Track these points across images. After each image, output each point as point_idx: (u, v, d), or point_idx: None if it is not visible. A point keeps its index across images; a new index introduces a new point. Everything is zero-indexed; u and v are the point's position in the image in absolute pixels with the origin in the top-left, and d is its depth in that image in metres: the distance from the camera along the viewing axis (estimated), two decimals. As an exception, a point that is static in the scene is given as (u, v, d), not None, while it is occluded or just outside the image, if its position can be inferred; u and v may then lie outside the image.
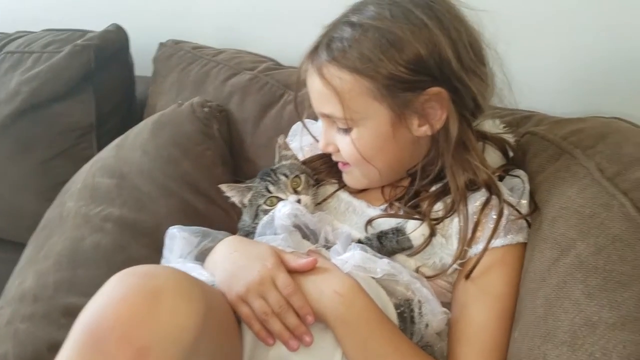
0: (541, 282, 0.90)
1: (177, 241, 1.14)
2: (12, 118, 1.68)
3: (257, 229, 1.12)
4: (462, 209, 1.02)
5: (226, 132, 1.54)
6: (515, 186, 1.05)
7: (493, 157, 1.11)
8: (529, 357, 0.85)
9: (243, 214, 1.23)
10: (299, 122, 1.30)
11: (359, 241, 1.06)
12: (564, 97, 1.35)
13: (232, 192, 1.20)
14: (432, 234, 1.03)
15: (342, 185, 1.21)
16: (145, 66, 1.86)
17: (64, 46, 1.74)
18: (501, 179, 1.08)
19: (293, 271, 0.97)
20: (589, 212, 0.89)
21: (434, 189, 1.09)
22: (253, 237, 1.12)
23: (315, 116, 1.21)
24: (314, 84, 1.06)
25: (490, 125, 1.16)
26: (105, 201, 1.33)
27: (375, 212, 1.13)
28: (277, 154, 1.24)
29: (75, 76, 1.69)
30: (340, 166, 1.17)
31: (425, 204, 1.07)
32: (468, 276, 0.99)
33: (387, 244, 1.04)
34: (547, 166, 1.03)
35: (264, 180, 1.17)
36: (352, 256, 0.99)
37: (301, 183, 1.16)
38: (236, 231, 1.22)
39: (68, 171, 1.51)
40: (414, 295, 0.99)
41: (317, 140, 1.24)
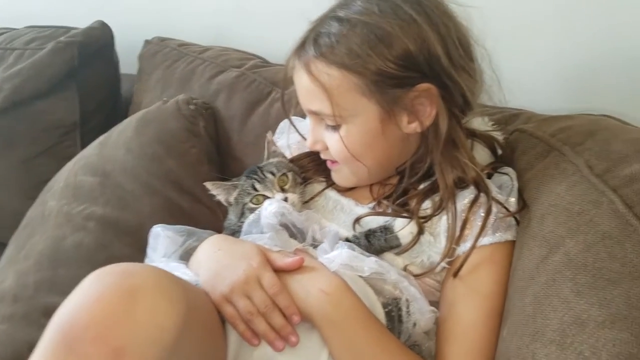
0: (530, 280, 0.89)
1: (161, 240, 1.12)
2: (-6, 115, 1.65)
3: (243, 228, 1.10)
4: (450, 206, 1.01)
5: (212, 130, 1.52)
6: (503, 184, 1.05)
7: (482, 155, 1.10)
8: (518, 356, 0.83)
9: (229, 213, 1.21)
10: (287, 119, 1.28)
11: (347, 240, 1.05)
12: (552, 95, 1.35)
13: (218, 190, 1.18)
14: (420, 232, 1.02)
15: (330, 184, 1.19)
16: (131, 64, 1.84)
17: (47, 43, 1.71)
18: (490, 176, 1.07)
19: (279, 270, 0.96)
20: (577, 209, 0.89)
21: (422, 187, 1.07)
22: (239, 236, 1.11)
23: (303, 113, 1.20)
24: (301, 80, 1.04)
25: (479, 123, 1.15)
26: (88, 200, 1.31)
27: (364, 211, 1.11)
28: (266, 150, 1.22)
29: (58, 73, 1.67)
30: (329, 164, 1.15)
31: (414, 202, 1.06)
32: (456, 274, 0.98)
33: (375, 243, 1.03)
34: (536, 163, 1.02)
35: (250, 178, 1.15)
36: (339, 254, 0.98)
37: (288, 181, 1.15)
38: (222, 230, 1.20)
39: (51, 170, 1.49)
40: (401, 294, 0.97)
41: (305, 138, 1.23)
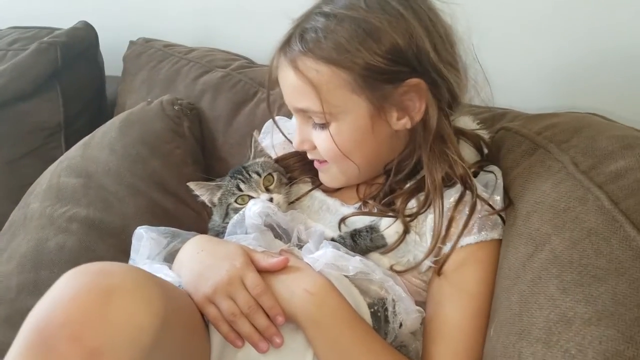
0: (516, 279, 0.88)
1: (145, 242, 1.11)
2: (-22, 117, 1.64)
3: (227, 228, 1.09)
4: (438, 204, 1.00)
5: (197, 131, 1.52)
6: (489, 182, 1.04)
7: (468, 154, 1.09)
8: (504, 356, 0.82)
9: (213, 214, 1.20)
10: (270, 120, 1.27)
11: (332, 239, 1.04)
12: (538, 95, 1.34)
13: (201, 190, 1.17)
14: (406, 231, 1.01)
15: (317, 185, 1.18)
16: (118, 66, 1.83)
17: (30, 44, 1.71)
18: (475, 175, 1.06)
19: (263, 271, 0.95)
20: (563, 206, 0.88)
21: (407, 186, 1.07)
22: (223, 237, 1.10)
23: (289, 114, 1.19)
24: (287, 78, 1.02)
25: (465, 122, 1.15)
26: (71, 201, 1.30)
27: (349, 211, 1.10)
28: (252, 150, 1.21)
29: (41, 74, 1.66)
30: (317, 165, 1.14)
31: (399, 202, 1.05)
32: (439, 272, 0.98)
33: (360, 242, 1.02)
34: (522, 161, 1.02)
35: (235, 178, 1.14)
36: (324, 254, 0.97)
37: (273, 181, 1.14)
38: (207, 232, 1.19)
39: (36, 172, 1.47)
40: (387, 293, 0.97)
41: (289, 140, 1.22)
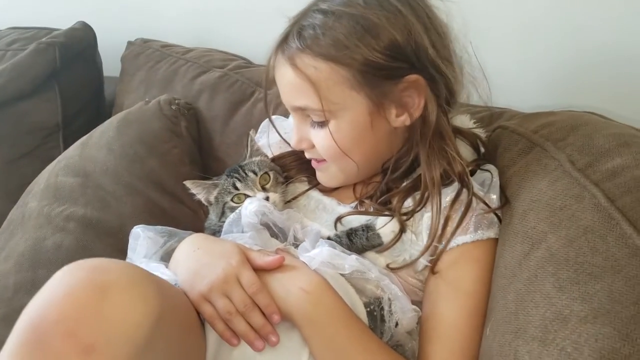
0: (512, 278, 0.88)
1: (141, 241, 1.11)
2: (-23, 117, 1.64)
3: (223, 227, 1.09)
4: (436, 200, 0.99)
5: (195, 130, 1.52)
6: (485, 180, 1.04)
7: (464, 152, 1.09)
8: (500, 354, 0.82)
9: (210, 213, 1.19)
10: (267, 119, 1.27)
11: (329, 238, 1.03)
12: (535, 94, 1.34)
13: (198, 188, 1.17)
14: (402, 230, 1.01)
15: (314, 185, 1.18)
16: (116, 67, 1.83)
17: (28, 44, 1.70)
18: (472, 173, 1.05)
19: (259, 269, 0.94)
20: (560, 204, 0.88)
21: (404, 185, 1.06)
22: (220, 236, 1.09)
23: (286, 113, 1.18)
24: (285, 75, 1.02)
25: (462, 121, 1.14)
26: (69, 200, 1.30)
27: (346, 210, 1.10)
28: (249, 148, 1.21)
29: (40, 74, 1.66)
30: (315, 164, 1.13)
31: (395, 200, 1.05)
32: (434, 270, 0.97)
33: (356, 241, 1.02)
34: (518, 160, 1.02)
35: (231, 176, 1.14)
36: (320, 253, 0.97)
37: (270, 180, 1.14)
38: (204, 231, 1.19)
39: (34, 171, 1.46)
40: (383, 293, 0.96)
41: (284, 139, 1.22)
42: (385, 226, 1.01)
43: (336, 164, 1.08)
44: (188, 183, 1.17)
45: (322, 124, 1.02)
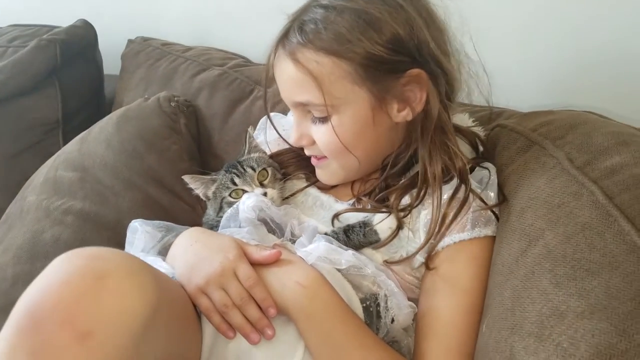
0: (509, 274, 0.88)
1: (139, 235, 1.11)
2: (-22, 113, 1.64)
3: (221, 222, 1.09)
4: (437, 194, 0.99)
5: (194, 128, 1.52)
6: (483, 178, 1.03)
7: (463, 150, 1.08)
8: (496, 351, 0.82)
9: (207, 208, 1.19)
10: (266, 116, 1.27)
11: (326, 234, 1.03)
12: (534, 94, 1.34)
13: (196, 183, 1.16)
14: (400, 226, 1.01)
15: (313, 182, 1.18)
16: (116, 66, 1.84)
17: (29, 41, 1.71)
18: (470, 171, 1.05)
19: (256, 263, 0.94)
20: (558, 202, 0.88)
21: (402, 182, 1.06)
22: (217, 231, 1.09)
23: (284, 110, 1.18)
24: (286, 71, 1.01)
25: (461, 119, 1.15)
26: (67, 194, 1.30)
27: (343, 207, 1.10)
28: (247, 144, 1.21)
29: (40, 71, 1.67)
30: (314, 161, 1.13)
31: (393, 197, 1.04)
32: (429, 265, 0.97)
33: (353, 238, 1.02)
34: (516, 158, 1.02)
35: (230, 172, 1.14)
36: (316, 247, 0.97)
37: (268, 176, 1.14)
38: (201, 226, 1.18)
39: (34, 167, 1.47)
40: (379, 289, 0.96)
41: (282, 136, 1.22)
42: (383, 223, 1.01)
43: (337, 160, 1.08)
44: (186, 177, 1.16)
45: (324, 119, 1.02)
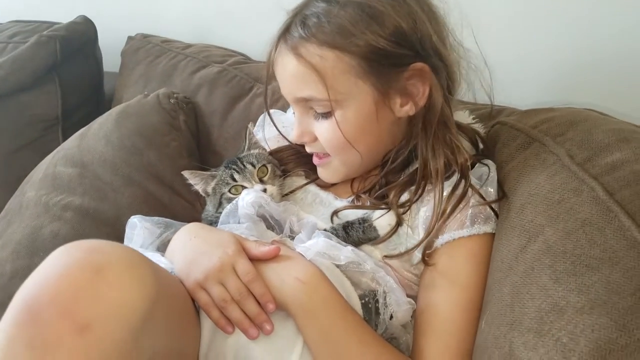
0: (508, 271, 0.87)
1: (138, 231, 1.11)
2: (-22, 108, 1.64)
3: (220, 218, 1.09)
4: (438, 188, 0.99)
5: (193, 124, 1.52)
6: (482, 175, 1.03)
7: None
8: (495, 346, 0.82)
9: (207, 204, 1.19)
10: (265, 113, 1.27)
11: (325, 230, 1.03)
12: (534, 91, 1.34)
13: (196, 179, 1.16)
14: (399, 223, 1.00)
15: (313, 179, 1.18)
16: (116, 63, 1.84)
17: (30, 37, 1.71)
18: (471, 167, 1.05)
19: (255, 259, 0.94)
20: (558, 198, 0.87)
21: (401, 179, 1.06)
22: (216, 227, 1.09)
23: (284, 107, 1.18)
24: (288, 66, 1.00)
25: (461, 116, 1.14)
26: (66, 190, 1.30)
27: (343, 204, 1.10)
28: (247, 141, 1.21)
29: (40, 67, 1.66)
30: (316, 160, 1.12)
31: (392, 194, 1.04)
32: (428, 261, 0.97)
33: (353, 234, 1.01)
34: (517, 155, 1.01)
35: (230, 168, 1.14)
36: (315, 243, 0.97)
37: (267, 172, 1.14)
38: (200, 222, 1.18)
39: (33, 164, 1.47)
40: (378, 285, 0.96)
41: (281, 133, 1.21)
42: (382, 219, 1.01)
43: (339, 157, 1.07)
44: (186, 173, 1.16)
45: (327, 115, 1.01)
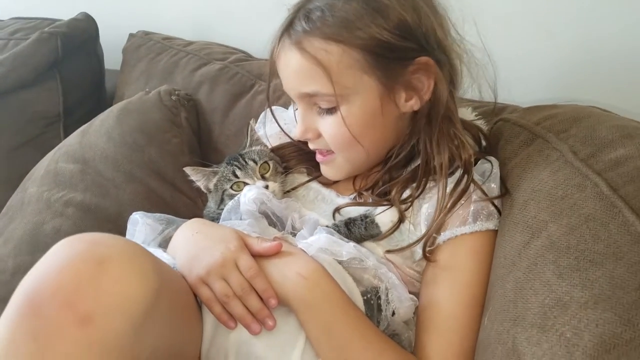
0: (511, 267, 0.87)
1: (140, 227, 1.10)
2: (-21, 105, 1.64)
3: (222, 214, 1.08)
4: (442, 183, 0.99)
5: (194, 121, 1.52)
6: (485, 171, 1.02)
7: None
8: (498, 342, 0.82)
9: (209, 201, 1.19)
10: (267, 110, 1.26)
11: (327, 227, 1.03)
12: (537, 89, 1.34)
13: (197, 175, 1.16)
14: (401, 219, 1.00)
15: (315, 177, 1.17)
16: (117, 61, 1.83)
17: (31, 33, 1.71)
18: (474, 163, 1.05)
19: (257, 255, 0.94)
20: (561, 194, 0.87)
21: (403, 175, 1.06)
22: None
23: (286, 104, 1.17)
24: (291, 61, 0.99)
25: (463, 113, 1.13)
26: (68, 186, 1.30)
27: (345, 201, 1.09)
28: (249, 137, 1.20)
29: (41, 63, 1.66)
30: (319, 158, 1.11)
31: (394, 191, 1.04)
32: (430, 257, 0.97)
33: (355, 231, 1.01)
34: (520, 152, 1.01)
35: (231, 164, 1.14)
36: (317, 239, 0.97)
37: (269, 169, 1.14)
38: (202, 219, 1.18)
39: (34, 161, 1.47)
40: (380, 282, 0.95)
41: (284, 130, 1.21)
42: (384, 215, 1.01)
43: (343, 154, 1.06)
44: (188, 169, 1.16)
45: (331, 110, 1.00)
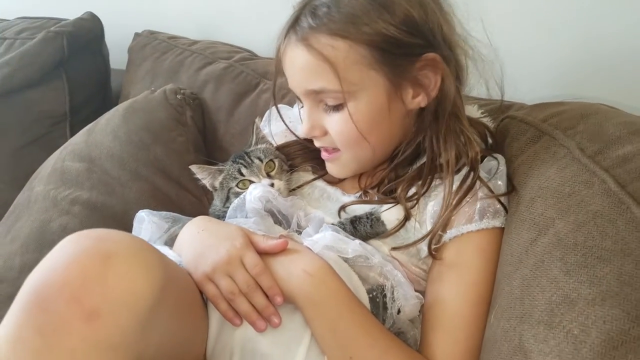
0: (518, 264, 0.87)
1: (146, 225, 1.11)
2: (-15, 105, 1.65)
3: (227, 213, 1.08)
4: (449, 180, 0.98)
5: (199, 120, 1.52)
6: (492, 169, 1.02)
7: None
8: (505, 339, 0.81)
9: (214, 199, 1.19)
10: (272, 108, 1.26)
11: (332, 225, 1.03)
12: (544, 87, 1.33)
13: (203, 173, 1.16)
14: (407, 217, 1.00)
15: (320, 175, 1.17)
16: (123, 60, 1.84)
17: (37, 33, 1.72)
18: (480, 161, 1.04)
19: (262, 252, 0.94)
20: (568, 191, 0.87)
21: (409, 173, 1.05)
22: (224, 221, 1.08)
23: (291, 102, 1.17)
24: (297, 58, 0.98)
25: (469, 110, 1.13)
26: (74, 185, 1.31)
27: (350, 199, 1.09)
28: (254, 135, 1.20)
29: (47, 63, 1.67)
30: (325, 155, 1.11)
31: (400, 189, 1.03)
32: (436, 255, 0.97)
33: (360, 228, 1.01)
34: (526, 149, 1.00)
35: (237, 162, 1.14)
36: (323, 237, 0.97)
37: (275, 167, 1.13)
38: (208, 217, 1.18)
39: (40, 160, 1.47)
40: (386, 280, 0.95)
41: (289, 128, 1.21)
42: (390, 213, 1.00)
43: (349, 151, 1.06)
44: (194, 167, 1.16)
45: (338, 107, 0.99)
